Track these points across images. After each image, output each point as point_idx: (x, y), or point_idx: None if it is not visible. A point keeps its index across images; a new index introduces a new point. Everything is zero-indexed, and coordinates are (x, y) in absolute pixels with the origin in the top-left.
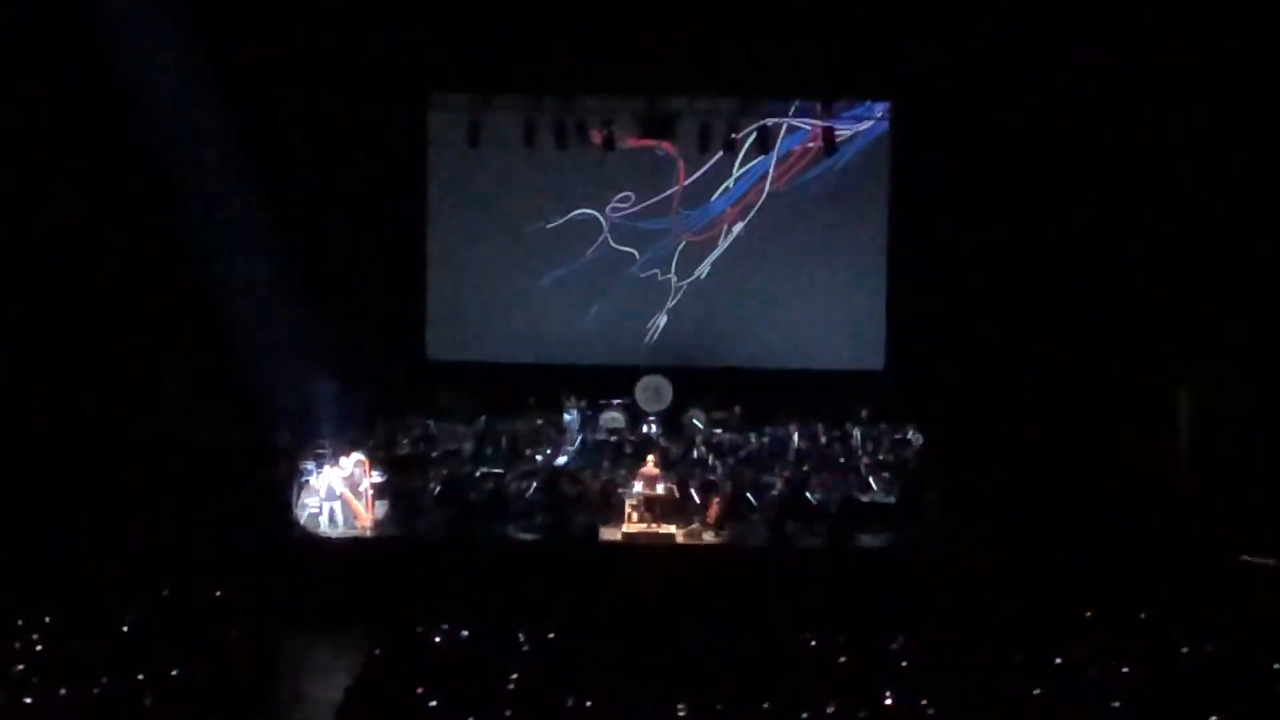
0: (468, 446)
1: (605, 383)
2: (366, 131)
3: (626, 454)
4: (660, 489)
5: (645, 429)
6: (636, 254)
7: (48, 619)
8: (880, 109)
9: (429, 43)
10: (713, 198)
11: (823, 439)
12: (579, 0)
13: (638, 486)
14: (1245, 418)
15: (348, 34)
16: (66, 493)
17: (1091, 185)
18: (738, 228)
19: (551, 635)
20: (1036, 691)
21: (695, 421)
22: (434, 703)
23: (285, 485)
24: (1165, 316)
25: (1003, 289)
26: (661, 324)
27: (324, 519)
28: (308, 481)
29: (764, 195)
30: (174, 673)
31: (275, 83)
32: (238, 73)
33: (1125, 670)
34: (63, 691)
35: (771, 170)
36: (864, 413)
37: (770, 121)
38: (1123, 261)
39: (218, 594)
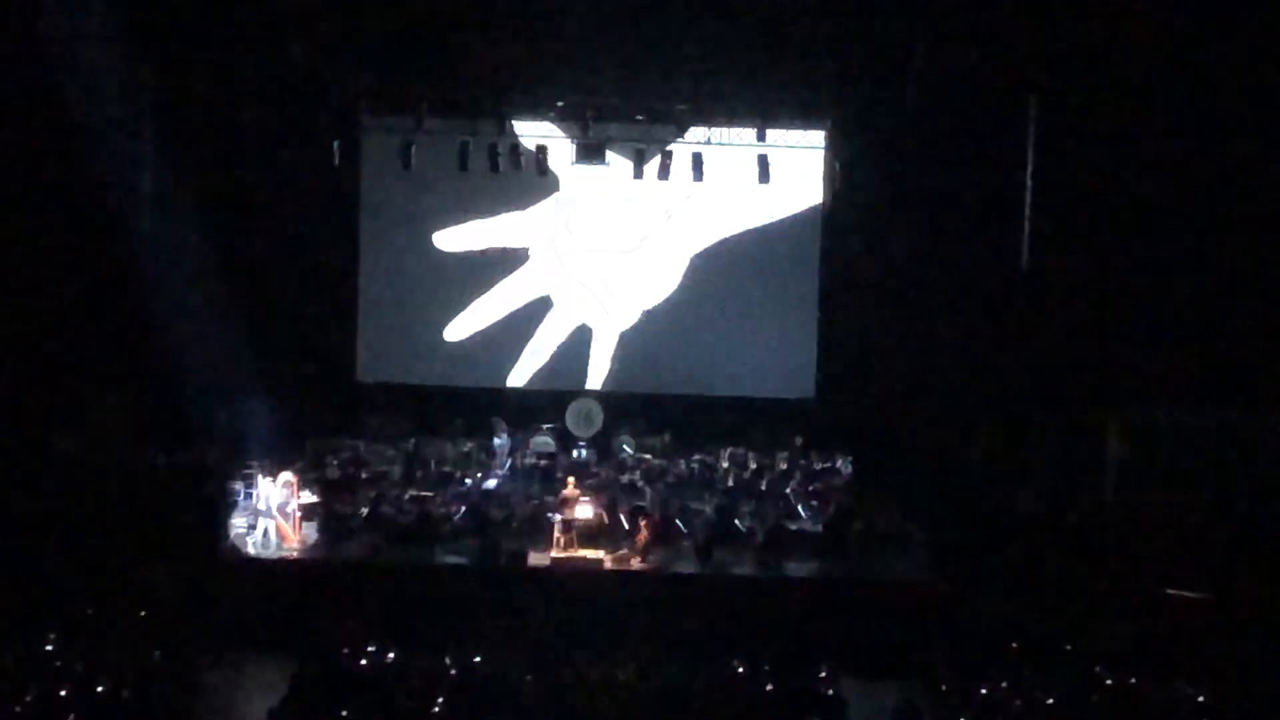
0: (397, 469)
1: (536, 407)
2: (299, 152)
3: (556, 479)
4: (589, 514)
5: (575, 454)
6: None
7: None
8: (815, 136)
9: (362, 65)
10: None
11: (752, 466)
12: (513, 24)
13: (566, 511)
14: (1172, 455)
15: (281, 57)
16: None
17: (1024, 220)
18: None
19: (478, 659)
20: None
21: (625, 447)
22: None
23: (213, 505)
24: (1096, 355)
25: (934, 321)
26: (594, 350)
27: (251, 539)
28: (236, 502)
29: (698, 223)
30: (98, 690)
31: (208, 105)
32: (171, 95)
33: (1050, 702)
34: None
35: (706, 199)
36: (794, 441)
37: (703, 147)
38: (1053, 299)
39: (142, 613)
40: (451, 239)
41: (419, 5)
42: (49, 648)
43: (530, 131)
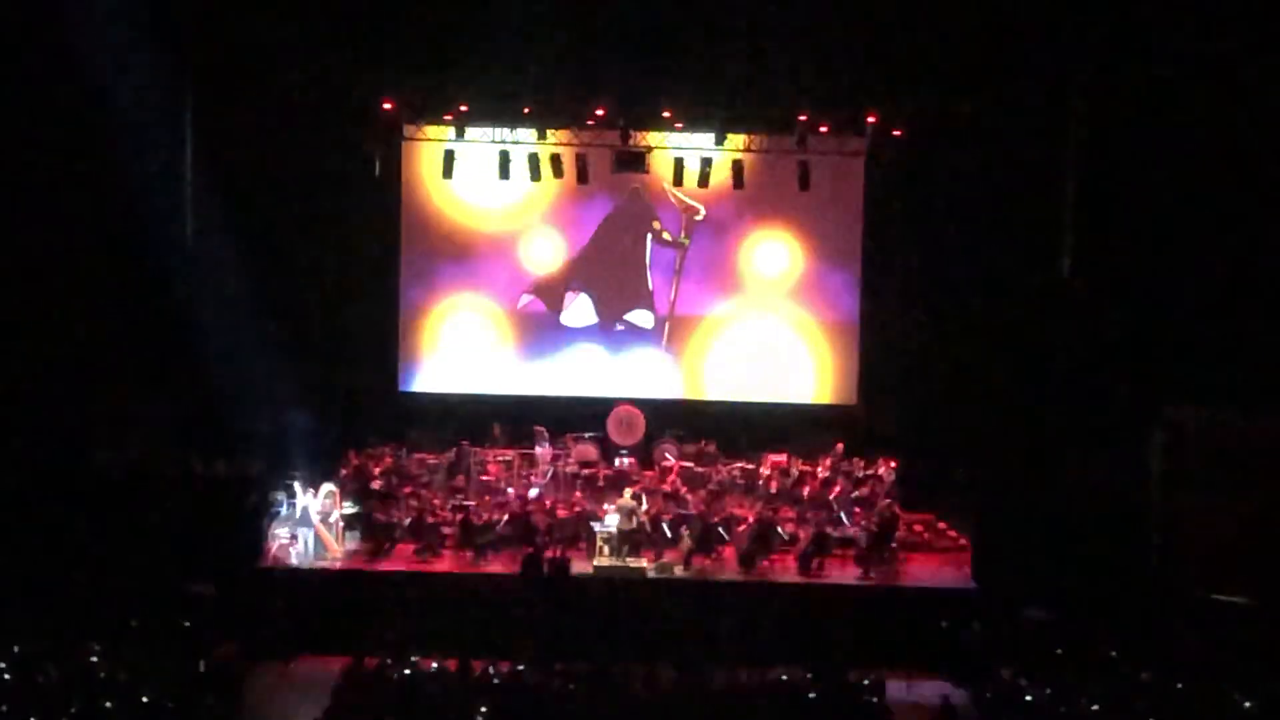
0: (439, 478)
1: (578, 415)
2: (340, 163)
3: (598, 487)
4: (632, 522)
5: (617, 462)
6: None
7: (16, 649)
8: (855, 144)
9: (403, 75)
10: (688, 230)
11: (794, 473)
12: (554, 34)
13: (609, 520)
14: (1216, 459)
15: (324, 68)
16: (35, 521)
17: (1064, 224)
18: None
19: (521, 667)
20: None
21: (667, 455)
22: None
23: (256, 515)
24: (1138, 359)
25: (977, 326)
26: (636, 357)
27: (294, 549)
28: (278, 512)
29: (739, 231)
30: (142, 701)
31: (249, 117)
32: (212, 107)
33: (1095, 708)
34: None
35: (747, 206)
36: (837, 448)
37: (743, 154)
38: (1095, 304)
39: (186, 624)
40: (493, 248)
41: (458, 16)
42: (93, 659)
43: (570, 140)
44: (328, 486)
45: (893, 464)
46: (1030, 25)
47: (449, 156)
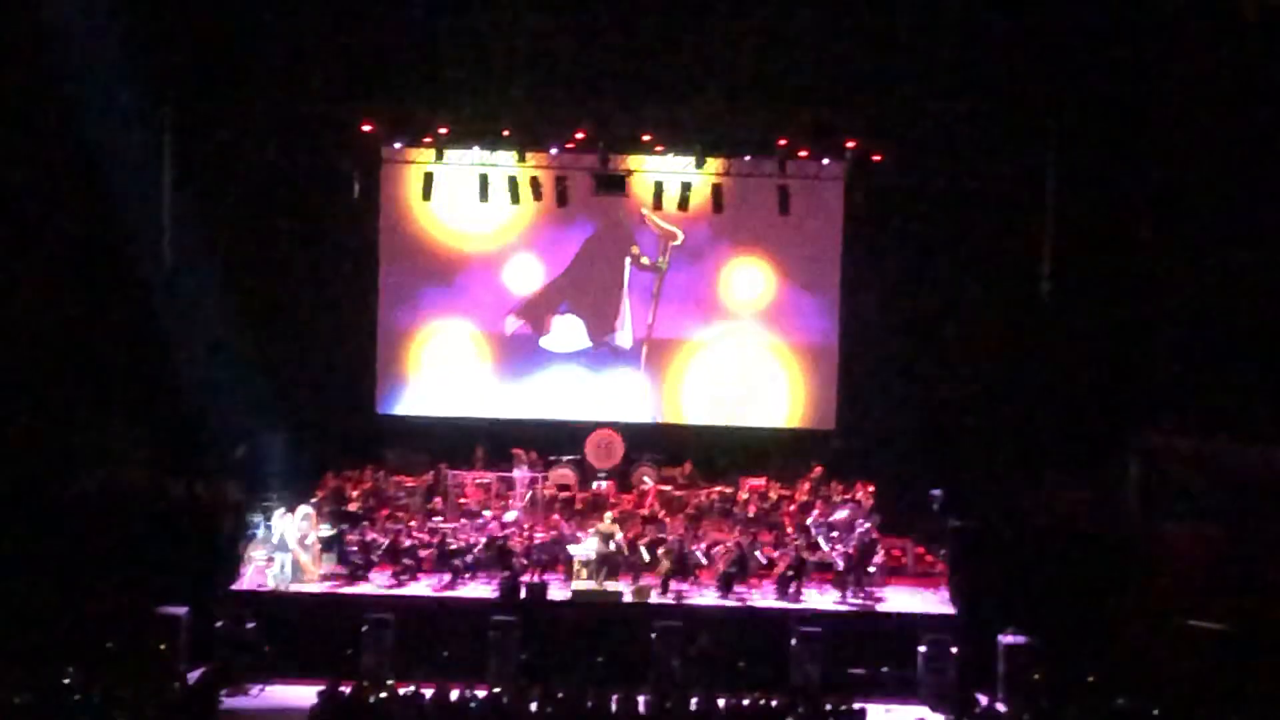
0: (416, 501)
1: (556, 438)
2: (320, 184)
3: (576, 510)
4: (609, 546)
5: (595, 485)
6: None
7: None
8: (835, 169)
9: (382, 98)
10: (667, 255)
11: (772, 497)
12: (534, 57)
13: (586, 543)
14: (1193, 484)
15: (302, 88)
16: (11, 543)
17: (1043, 248)
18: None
19: (498, 691)
20: None
21: (645, 478)
22: None
23: (233, 538)
24: (1116, 384)
25: (955, 351)
26: (614, 381)
27: (271, 572)
28: (255, 535)
29: (718, 254)
30: None
31: (228, 139)
32: (191, 129)
33: None
34: None
35: (727, 229)
36: (814, 472)
37: (723, 178)
38: (1074, 329)
39: (161, 647)
40: (472, 270)
41: (438, 38)
42: (67, 681)
43: (550, 163)
44: (304, 509)
45: (870, 488)
46: (1007, 52)
47: (428, 178)
